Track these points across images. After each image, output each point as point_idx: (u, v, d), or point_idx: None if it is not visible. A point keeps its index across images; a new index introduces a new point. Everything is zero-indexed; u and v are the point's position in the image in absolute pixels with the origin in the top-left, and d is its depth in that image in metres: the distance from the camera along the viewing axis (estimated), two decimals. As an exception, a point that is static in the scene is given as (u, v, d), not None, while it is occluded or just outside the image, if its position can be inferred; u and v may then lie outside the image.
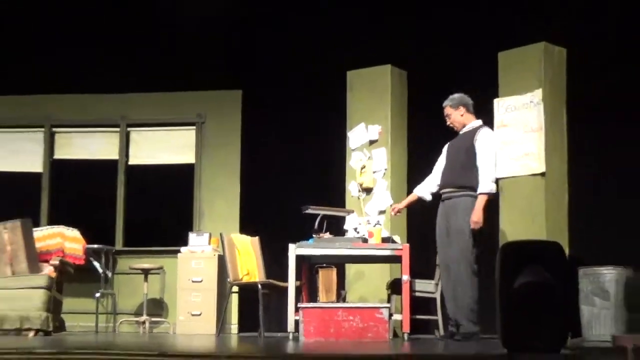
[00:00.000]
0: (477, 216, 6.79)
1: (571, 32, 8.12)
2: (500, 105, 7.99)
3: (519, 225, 7.61)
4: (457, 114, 7.23)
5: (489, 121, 7.78)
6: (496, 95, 8.03)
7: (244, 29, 9.48)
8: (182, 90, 9.96)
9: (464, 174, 7.00)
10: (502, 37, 8.10)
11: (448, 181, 7.13)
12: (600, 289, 6.52)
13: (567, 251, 6.33)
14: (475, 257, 6.85)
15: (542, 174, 7.61)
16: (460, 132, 7.24)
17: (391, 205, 8.08)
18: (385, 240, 7.30)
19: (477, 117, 7.30)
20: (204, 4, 9.46)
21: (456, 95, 7.26)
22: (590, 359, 4.25)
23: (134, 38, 9.76)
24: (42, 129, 10.20)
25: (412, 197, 7.59)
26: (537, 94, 7.72)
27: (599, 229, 8.22)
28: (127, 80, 9.86)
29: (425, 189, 7.43)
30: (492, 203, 7.61)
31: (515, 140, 7.81)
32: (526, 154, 7.73)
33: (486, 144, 6.99)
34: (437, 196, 7.31)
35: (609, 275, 6.54)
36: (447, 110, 7.26)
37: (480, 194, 6.85)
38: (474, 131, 7.11)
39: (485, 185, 6.86)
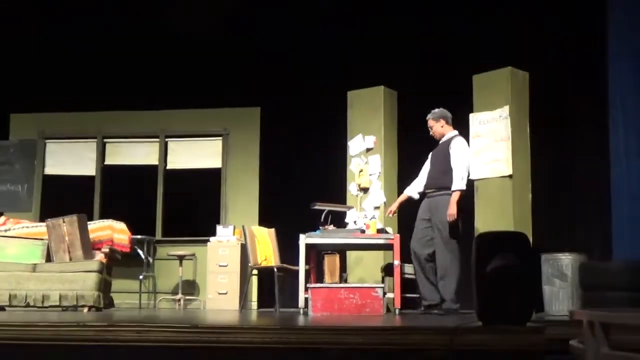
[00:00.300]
0: (451, 209, 6.80)
1: (532, 59, 8.12)
2: (475, 119, 7.95)
3: (490, 218, 7.58)
4: (438, 126, 7.24)
5: (465, 132, 7.76)
6: (471, 111, 8.00)
7: (261, 57, 9.47)
8: (210, 107, 9.95)
9: (442, 177, 7.02)
10: (476, 63, 8.08)
11: (431, 183, 7.16)
12: (559, 271, 6.49)
13: (531, 240, 6.28)
14: (456, 244, 6.84)
15: (510, 176, 7.58)
16: (440, 142, 7.25)
17: (385, 208, 8.05)
18: (379, 231, 7.27)
19: (455, 128, 7.29)
20: (230, 41, 9.49)
21: (437, 110, 7.27)
22: (552, 330, 4.20)
23: (170, 64, 9.75)
24: (95, 140, 10.18)
25: (402, 197, 7.57)
26: (505, 110, 7.69)
27: (557, 221, 8.21)
28: (165, 99, 9.86)
29: (414, 189, 7.43)
30: (469, 200, 7.60)
31: (487, 148, 7.77)
32: (496, 159, 7.70)
33: (458, 150, 7.03)
34: (422, 194, 7.30)
35: (567, 260, 6.51)
36: (430, 122, 7.27)
37: (453, 191, 6.87)
38: (449, 140, 7.14)
39: (457, 183, 6.89)
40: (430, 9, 8.81)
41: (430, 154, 7.36)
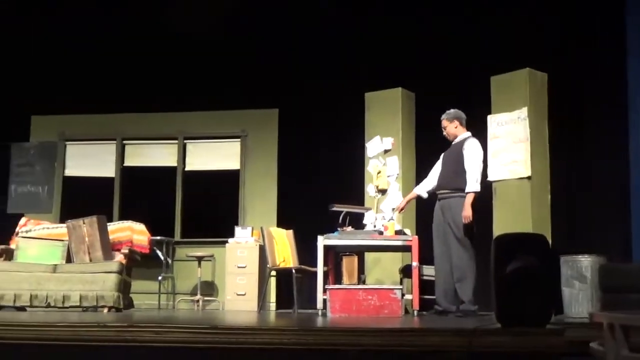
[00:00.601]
0: (466, 211, 6.76)
1: (551, 60, 8.08)
2: (493, 120, 7.93)
3: (509, 220, 7.55)
4: (452, 126, 7.19)
5: (483, 133, 7.74)
6: (489, 112, 7.97)
7: (279, 59, 9.49)
8: (229, 109, 9.97)
9: (455, 178, 6.96)
10: (494, 64, 8.06)
11: (443, 184, 7.09)
12: (578, 273, 6.45)
13: (550, 242, 6.25)
14: (471, 245, 6.81)
15: (528, 178, 7.55)
16: (453, 143, 7.21)
17: (394, 209, 8.06)
18: (397, 232, 7.26)
19: (473, 130, 7.26)
20: (249, 43, 9.52)
21: (452, 110, 7.23)
22: (571, 332, 4.18)
23: (189, 67, 9.80)
24: (115, 142, 10.23)
25: (412, 195, 7.56)
26: (523, 111, 7.66)
27: (577, 223, 8.16)
28: (183, 101, 9.90)
29: (423, 189, 7.41)
30: (486, 202, 7.57)
31: (505, 149, 7.74)
32: (514, 161, 7.67)
33: (472, 151, 6.96)
34: (433, 195, 7.25)
35: (586, 262, 6.47)
36: (444, 123, 7.23)
37: (468, 192, 6.82)
38: (462, 142, 7.08)
39: (471, 185, 6.83)
40: (449, 10, 8.78)
41: (442, 154, 7.31)
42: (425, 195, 7.38)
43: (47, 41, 9.82)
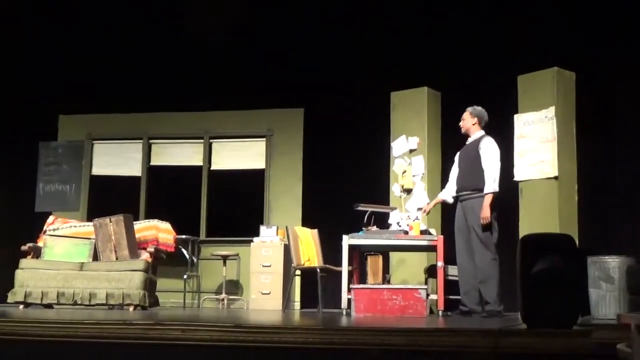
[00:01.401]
0: (484, 212, 6.73)
1: (580, 59, 8.01)
2: (519, 120, 7.88)
3: (536, 220, 7.49)
4: (470, 121, 7.16)
5: (509, 133, 7.70)
6: (516, 112, 7.93)
7: (305, 58, 9.50)
8: (254, 109, 9.99)
9: (474, 178, 6.92)
10: (521, 63, 8.00)
11: (463, 186, 7.06)
12: (606, 274, 6.39)
13: (577, 242, 6.19)
14: (494, 245, 6.77)
15: (555, 177, 7.50)
16: (467, 142, 7.17)
17: (419, 209, 8.04)
18: (423, 232, 7.24)
19: (499, 129, 7.22)
20: (275, 42, 9.56)
21: (479, 108, 7.20)
22: (598, 334, 4.13)
23: (215, 66, 9.84)
24: (141, 141, 10.30)
25: (437, 200, 7.54)
26: (551, 111, 7.61)
27: (604, 223, 8.09)
28: (209, 100, 9.94)
29: (447, 194, 7.37)
30: (512, 202, 7.53)
31: (532, 149, 7.69)
32: (541, 160, 7.62)
33: (489, 150, 6.92)
34: (455, 198, 7.23)
35: (613, 262, 6.40)
36: (465, 115, 7.20)
37: (486, 194, 6.78)
38: (477, 141, 7.03)
39: (489, 186, 6.79)
40: (476, 8, 8.74)
41: (457, 155, 7.29)
42: (450, 200, 7.35)
43: (75, 41, 9.90)
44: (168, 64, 9.92)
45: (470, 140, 7.14)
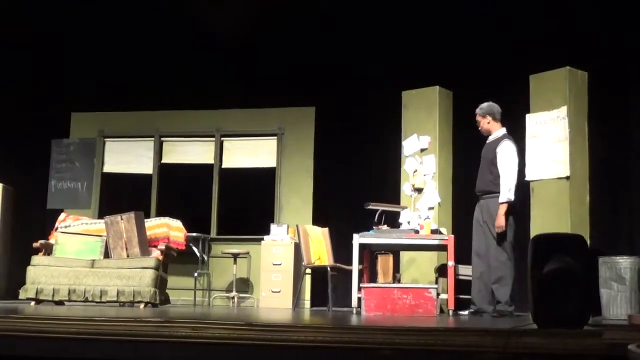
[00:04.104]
0: (499, 222, 6.71)
1: (592, 58, 7.98)
2: (531, 119, 7.85)
3: (547, 220, 7.46)
4: (485, 122, 7.14)
5: (521, 132, 7.68)
6: (528, 111, 7.89)
7: (317, 57, 9.50)
8: (265, 107, 10.01)
9: (489, 180, 6.93)
10: (533, 62, 7.97)
11: (481, 186, 7.07)
12: (617, 275, 6.38)
13: (588, 243, 6.17)
14: (509, 246, 6.75)
15: (567, 177, 7.46)
16: (488, 140, 7.15)
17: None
18: (433, 232, 7.23)
19: (511, 129, 7.19)
20: (286, 40, 9.57)
21: (485, 105, 7.18)
22: (609, 334, 4.12)
23: (226, 64, 9.85)
24: (153, 139, 10.33)
25: None
26: (563, 110, 7.58)
27: (615, 224, 8.06)
28: (220, 98, 9.97)
29: None
30: (524, 201, 7.51)
31: (544, 149, 7.66)
32: (553, 160, 7.59)
33: (505, 157, 6.88)
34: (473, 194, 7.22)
35: (625, 263, 6.40)
36: (477, 118, 7.19)
37: (501, 203, 6.75)
38: (497, 142, 7.01)
39: (504, 195, 6.75)
40: (488, 7, 8.71)
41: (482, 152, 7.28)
42: None
43: (88, 39, 9.95)
44: (180, 62, 9.96)
45: (490, 139, 7.12)
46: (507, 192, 6.76)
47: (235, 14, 9.04)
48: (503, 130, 7.10)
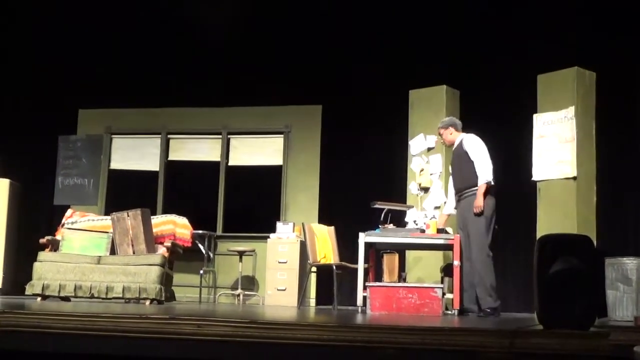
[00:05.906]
0: (478, 201, 6.81)
1: (600, 58, 7.95)
2: (539, 119, 7.84)
3: (553, 220, 7.45)
4: (447, 133, 7.30)
5: (528, 133, 7.66)
6: (535, 111, 7.88)
7: (324, 55, 9.50)
8: (272, 105, 10.01)
9: (467, 176, 7.02)
10: (541, 62, 7.96)
11: (459, 186, 7.18)
12: (623, 276, 6.36)
13: (595, 243, 6.15)
14: (489, 243, 6.81)
15: (574, 178, 7.45)
16: (453, 148, 7.28)
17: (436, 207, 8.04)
18: (439, 231, 7.21)
19: (519, 129, 7.20)
20: (293, 39, 9.57)
21: (446, 119, 7.43)
22: (615, 335, 4.10)
23: (233, 62, 9.86)
24: (159, 136, 10.34)
25: (443, 217, 7.57)
26: (570, 111, 7.56)
27: (622, 224, 8.03)
28: (227, 96, 9.97)
29: (450, 207, 7.49)
30: (530, 201, 7.49)
31: (551, 149, 7.65)
32: (560, 160, 7.58)
33: (473, 144, 7.04)
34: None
35: (631, 264, 6.37)
36: (440, 131, 7.37)
37: (480, 184, 6.84)
38: (461, 142, 7.15)
39: (482, 176, 6.87)
40: (496, 7, 8.70)
41: (450, 165, 7.39)
42: (454, 212, 7.40)
43: (95, 36, 9.96)
44: (187, 59, 9.97)
45: (455, 145, 7.27)
46: (484, 172, 6.88)
47: (243, 12, 9.04)
48: (463, 134, 7.22)
